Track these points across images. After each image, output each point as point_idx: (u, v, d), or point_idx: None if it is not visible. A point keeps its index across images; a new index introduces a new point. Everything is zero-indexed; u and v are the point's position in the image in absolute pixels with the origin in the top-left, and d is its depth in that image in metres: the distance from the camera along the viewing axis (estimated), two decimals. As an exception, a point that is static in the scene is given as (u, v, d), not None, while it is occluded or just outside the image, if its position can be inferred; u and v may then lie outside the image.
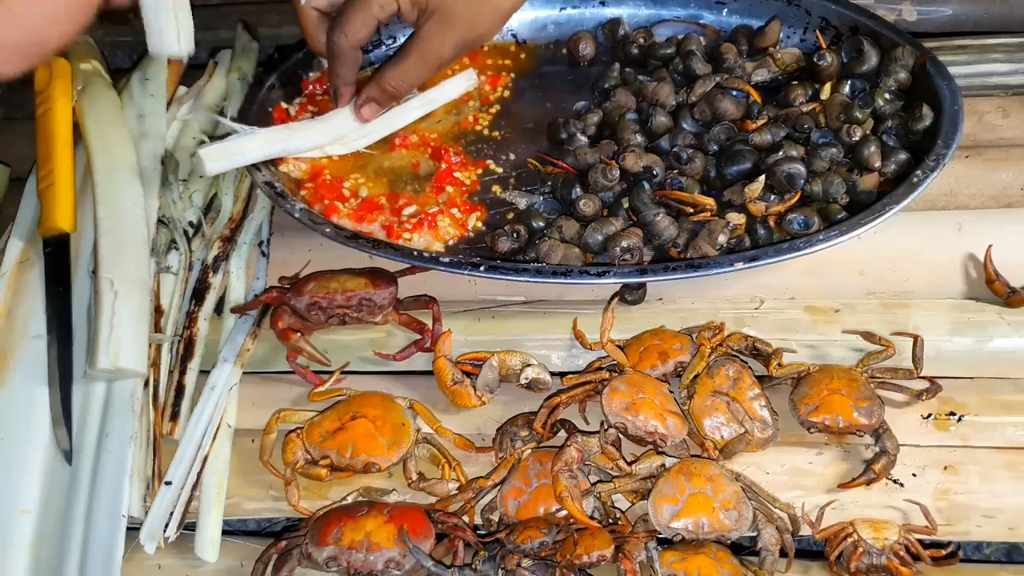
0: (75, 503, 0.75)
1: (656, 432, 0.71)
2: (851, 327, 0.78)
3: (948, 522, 0.72)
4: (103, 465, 0.76)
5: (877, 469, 0.72)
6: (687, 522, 0.68)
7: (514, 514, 0.71)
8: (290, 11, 0.82)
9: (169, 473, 0.76)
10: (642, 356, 0.77)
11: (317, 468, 0.73)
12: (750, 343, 0.77)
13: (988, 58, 0.91)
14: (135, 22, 1.01)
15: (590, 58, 0.96)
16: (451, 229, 0.82)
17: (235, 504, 0.77)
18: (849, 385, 0.74)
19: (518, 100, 0.94)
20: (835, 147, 0.81)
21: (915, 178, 0.77)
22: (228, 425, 0.79)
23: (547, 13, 0.98)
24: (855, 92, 0.86)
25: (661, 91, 0.88)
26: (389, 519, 0.69)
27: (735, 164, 0.82)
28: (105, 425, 0.78)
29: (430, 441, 0.76)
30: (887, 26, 0.88)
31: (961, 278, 0.81)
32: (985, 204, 0.85)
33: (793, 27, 0.92)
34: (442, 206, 0.83)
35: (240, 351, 0.81)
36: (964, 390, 0.77)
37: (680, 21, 0.95)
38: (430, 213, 0.82)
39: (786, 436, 0.75)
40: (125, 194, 0.83)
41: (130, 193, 0.84)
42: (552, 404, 0.74)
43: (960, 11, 0.97)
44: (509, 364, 0.77)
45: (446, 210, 0.83)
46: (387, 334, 0.82)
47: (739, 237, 0.79)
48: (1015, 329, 0.78)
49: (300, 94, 0.93)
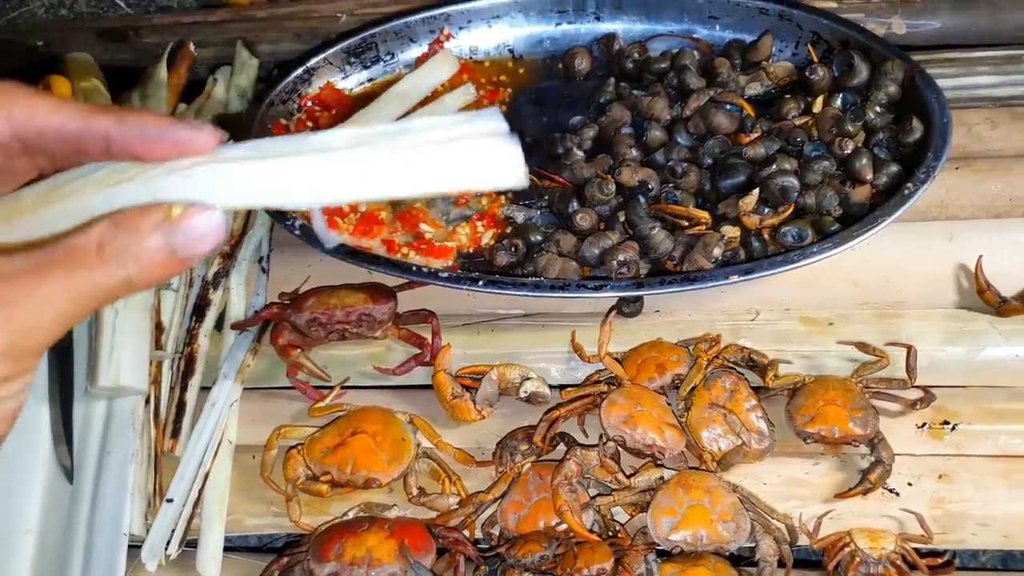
0: (76, 521, 0.76)
1: (654, 445, 0.72)
2: (845, 338, 0.79)
3: (944, 531, 0.73)
4: (104, 483, 0.77)
5: (873, 479, 0.72)
6: (686, 534, 0.69)
7: (514, 528, 0.72)
8: (289, 28, 0.83)
9: (170, 490, 0.77)
10: (640, 369, 0.77)
11: (318, 484, 0.74)
12: (746, 355, 0.78)
13: (975, 71, 0.93)
14: (134, 40, 1.02)
15: (586, 73, 0.97)
16: (465, 240, 0.83)
17: (236, 520, 0.77)
18: (844, 396, 0.75)
19: (515, 115, 0.95)
20: (828, 160, 0.82)
21: (906, 190, 0.78)
22: (229, 441, 0.79)
23: (543, 29, 0.99)
24: (847, 105, 0.87)
25: (656, 105, 0.89)
26: (390, 534, 0.70)
27: (729, 177, 0.83)
28: (106, 443, 0.78)
29: (430, 456, 0.77)
30: (877, 40, 0.90)
31: (953, 288, 0.82)
32: (975, 214, 0.86)
33: (785, 41, 0.94)
34: (472, 214, 0.85)
35: (240, 367, 0.81)
36: (957, 399, 0.78)
37: (674, 36, 0.96)
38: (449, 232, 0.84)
39: (783, 447, 0.76)
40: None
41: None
42: (551, 418, 0.74)
43: (948, 24, 0.98)
44: (508, 378, 0.77)
45: (474, 221, 0.84)
46: (387, 349, 0.83)
47: (734, 250, 0.80)
48: (1007, 338, 0.79)
49: (299, 110, 0.94)
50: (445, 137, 0.41)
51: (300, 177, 0.40)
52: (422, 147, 0.41)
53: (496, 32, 0.98)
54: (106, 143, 0.41)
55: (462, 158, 0.41)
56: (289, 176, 0.40)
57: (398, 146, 0.41)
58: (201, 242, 0.38)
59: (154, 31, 1.03)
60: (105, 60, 1.01)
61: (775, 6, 0.93)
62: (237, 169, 0.40)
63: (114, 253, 0.37)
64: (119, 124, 0.40)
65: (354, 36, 0.95)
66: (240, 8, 1.03)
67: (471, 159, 0.41)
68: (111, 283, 0.37)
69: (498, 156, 0.40)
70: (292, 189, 0.41)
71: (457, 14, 0.96)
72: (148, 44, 1.02)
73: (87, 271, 0.37)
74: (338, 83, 0.95)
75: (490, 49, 0.98)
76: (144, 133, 0.40)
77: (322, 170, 0.40)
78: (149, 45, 1.02)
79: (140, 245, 0.37)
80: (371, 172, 0.40)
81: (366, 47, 0.96)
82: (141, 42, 1.03)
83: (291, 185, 0.40)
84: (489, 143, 0.41)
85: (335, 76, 0.95)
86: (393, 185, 0.41)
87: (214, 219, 0.39)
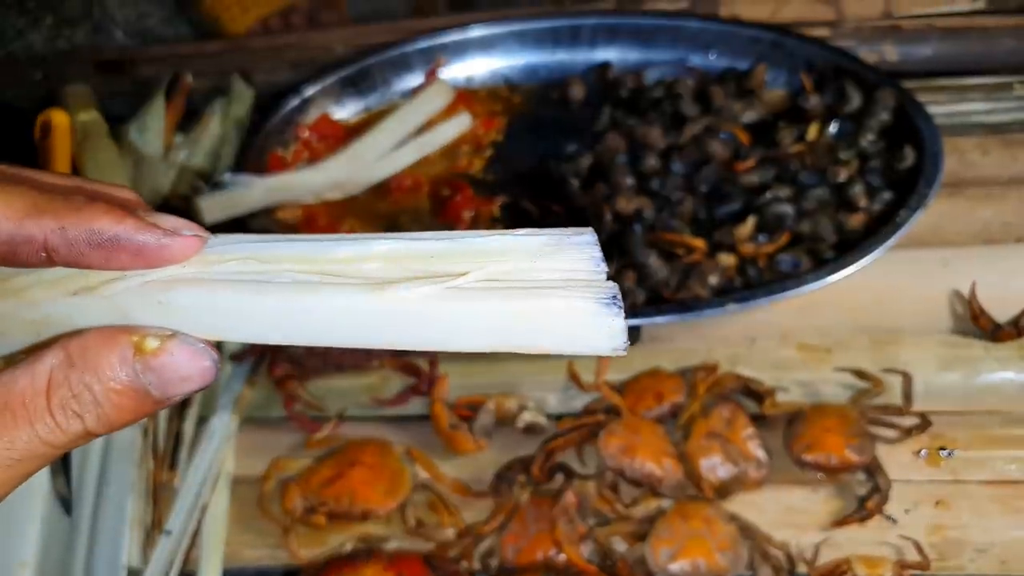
0: (74, 554, 0.75)
1: (653, 475, 0.72)
2: (842, 364, 0.80)
3: (941, 557, 0.73)
4: (102, 515, 0.76)
5: (870, 506, 0.72)
6: (684, 564, 0.69)
7: (513, 559, 0.72)
8: (285, 58, 0.84)
9: (169, 522, 0.77)
10: (638, 398, 0.78)
11: (316, 516, 0.74)
12: (743, 383, 0.78)
13: (967, 97, 0.94)
14: (131, 71, 1.03)
15: (581, 101, 0.98)
16: None
17: (234, 552, 0.77)
18: (841, 423, 0.75)
19: (511, 143, 0.96)
20: (822, 187, 0.83)
21: (899, 217, 0.79)
22: (226, 473, 0.79)
23: (538, 58, 1.00)
24: (840, 133, 0.88)
25: (651, 133, 0.90)
26: (388, 566, 0.70)
27: (725, 205, 0.84)
28: (104, 474, 0.78)
29: (428, 487, 0.77)
30: (869, 68, 0.91)
31: (948, 314, 0.83)
32: (969, 241, 0.87)
33: (779, 69, 0.95)
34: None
35: (238, 398, 0.81)
36: (954, 425, 0.78)
37: (669, 65, 0.97)
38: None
39: (781, 475, 0.76)
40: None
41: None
42: (549, 449, 0.74)
43: (940, 51, 0.99)
44: (506, 408, 0.77)
45: None
46: (383, 379, 0.83)
47: (730, 278, 0.80)
48: (1001, 364, 0.79)
49: (295, 140, 0.95)
50: (516, 275, 0.28)
51: (317, 316, 0.29)
52: (482, 291, 0.28)
53: (491, 61, 0.99)
54: (46, 252, 0.30)
55: (540, 316, 0.28)
56: (302, 314, 0.29)
57: (456, 285, 0.28)
58: (184, 384, 0.30)
59: (151, 62, 1.04)
60: (103, 91, 1.02)
61: (768, 34, 0.94)
62: (232, 299, 0.29)
63: (68, 398, 0.29)
64: (62, 229, 0.29)
65: (351, 66, 0.96)
66: (236, 39, 1.04)
67: (554, 319, 0.28)
68: (64, 439, 0.29)
69: (593, 321, 0.28)
70: (306, 332, 0.29)
71: (453, 43, 0.97)
72: (145, 75, 1.03)
73: (31, 426, 0.29)
74: (334, 113, 0.96)
75: (485, 78, 0.99)
76: (97, 240, 0.29)
77: (348, 307, 0.28)
78: (147, 76, 1.03)
79: (102, 387, 0.29)
80: (414, 317, 0.28)
81: (362, 76, 0.97)
82: (138, 73, 1.04)
83: (305, 327, 0.29)
84: (583, 303, 0.28)
85: (331, 106, 0.96)
86: (443, 337, 0.29)
87: (201, 357, 0.29)
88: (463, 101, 0.97)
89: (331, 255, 0.29)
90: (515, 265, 0.29)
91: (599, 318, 0.29)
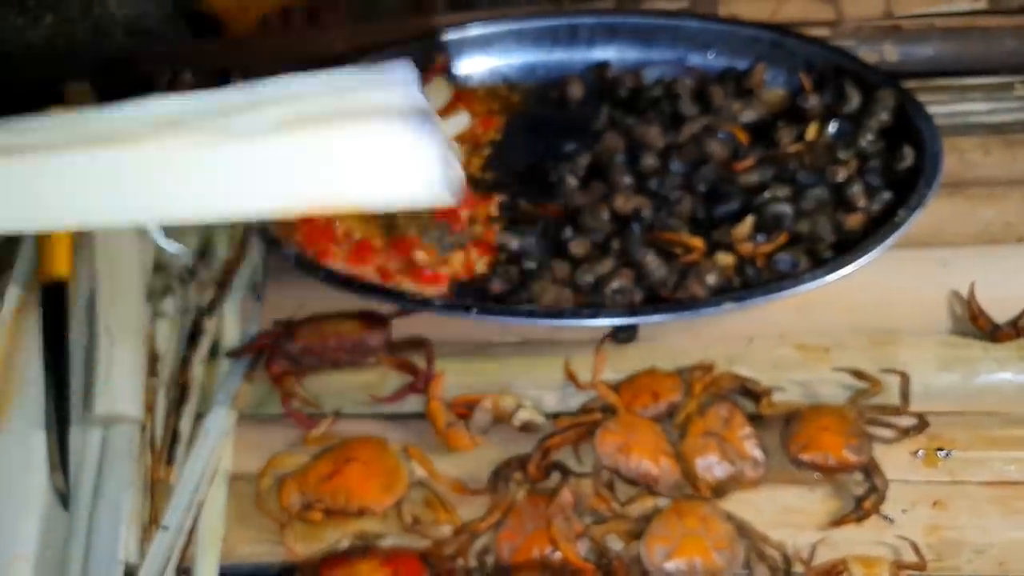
0: (72, 548, 0.76)
1: (649, 473, 0.72)
2: (840, 364, 0.80)
3: (939, 558, 0.72)
4: (100, 510, 0.77)
5: (867, 506, 0.72)
6: (680, 563, 0.69)
7: (509, 557, 0.72)
8: (284, 58, 0.84)
9: (166, 518, 0.77)
10: (634, 396, 0.77)
11: (312, 512, 0.74)
12: (740, 382, 0.78)
13: (968, 97, 0.94)
14: (131, 70, 1.03)
15: (579, 100, 0.98)
16: (459, 267, 0.84)
17: (231, 548, 0.77)
18: (838, 423, 0.75)
19: (509, 142, 0.96)
20: (821, 187, 0.83)
21: (898, 217, 0.79)
22: (224, 469, 0.79)
23: (537, 57, 1.00)
24: (839, 133, 0.88)
25: (650, 133, 0.90)
26: (384, 564, 0.70)
27: (723, 204, 0.84)
28: (102, 470, 0.78)
29: (424, 484, 0.77)
30: (868, 68, 0.91)
31: (947, 314, 0.83)
32: (969, 241, 0.86)
33: (778, 68, 0.95)
34: (466, 241, 0.85)
35: (235, 395, 0.82)
36: (952, 426, 0.78)
37: (668, 64, 0.97)
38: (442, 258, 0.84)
39: (778, 474, 0.75)
40: (122, 241, 0.84)
41: (126, 240, 0.85)
42: (545, 447, 0.74)
43: (941, 51, 0.99)
44: (502, 406, 0.77)
45: (470, 246, 0.84)
46: (381, 376, 0.83)
47: (728, 277, 0.80)
48: (1000, 364, 0.79)
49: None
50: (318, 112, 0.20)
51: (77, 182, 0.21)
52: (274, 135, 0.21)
53: (490, 60, 0.99)
54: None
55: (341, 154, 0.21)
56: (61, 180, 0.20)
57: (246, 128, 0.21)
58: None
59: (150, 61, 1.04)
60: (103, 90, 1.02)
61: (767, 34, 0.94)
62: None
63: None
64: None
65: (350, 65, 0.96)
66: (236, 38, 1.04)
67: (359, 156, 0.21)
68: None
69: (405, 155, 0.21)
70: (59, 202, 0.21)
71: (451, 42, 0.97)
72: (145, 74, 1.04)
73: None
74: (334, 111, 0.96)
75: (484, 77, 0.99)
76: None
77: (116, 172, 0.21)
78: (146, 75, 1.03)
79: None
80: (201, 175, 0.21)
81: (362, 75, 0.97)
82: (138, 72, 1.04)
83: (59, 196, 0.21)
84: (389, 127, 0.21)
85: (331, 104, 0.96)
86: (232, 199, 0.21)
87: None
88: (461, 100, 0.97)
89: (102, 117, 0.22)
90: (318, 104, 0.21)
91: (413, 149, 0.22)
